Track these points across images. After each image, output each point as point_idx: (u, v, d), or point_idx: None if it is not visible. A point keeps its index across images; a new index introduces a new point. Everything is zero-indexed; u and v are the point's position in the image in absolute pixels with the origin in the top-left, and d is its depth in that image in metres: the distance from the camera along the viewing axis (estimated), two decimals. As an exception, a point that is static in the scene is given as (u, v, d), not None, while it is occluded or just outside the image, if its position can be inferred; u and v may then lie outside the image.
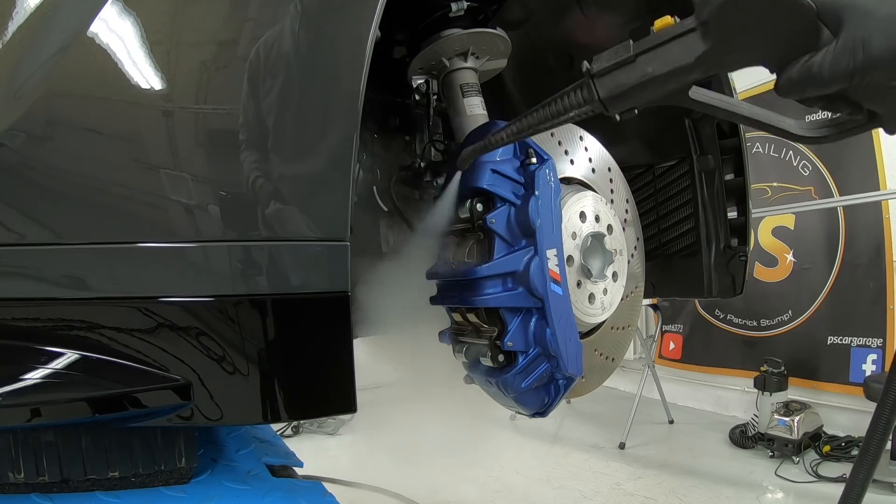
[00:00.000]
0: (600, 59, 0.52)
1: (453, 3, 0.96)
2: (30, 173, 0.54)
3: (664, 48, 0.48)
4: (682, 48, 0.46)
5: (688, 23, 0.46)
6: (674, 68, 0.47)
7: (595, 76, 0.52)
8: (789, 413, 2.99)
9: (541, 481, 2.92)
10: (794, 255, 3.54)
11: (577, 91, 0.54)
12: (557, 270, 0.80)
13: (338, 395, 0.61)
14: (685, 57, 0.46)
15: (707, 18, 0.44)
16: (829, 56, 0.42)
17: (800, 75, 0.44)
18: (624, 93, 0.51)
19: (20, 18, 0.53)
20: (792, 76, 0.44)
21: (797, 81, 0.44)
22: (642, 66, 0.49)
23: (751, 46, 0.45)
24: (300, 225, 0.59)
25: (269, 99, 0.58)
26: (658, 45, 0.48)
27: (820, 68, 0.43)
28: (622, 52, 0.50)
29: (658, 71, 0.48)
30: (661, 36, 0.48)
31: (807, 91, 0.44)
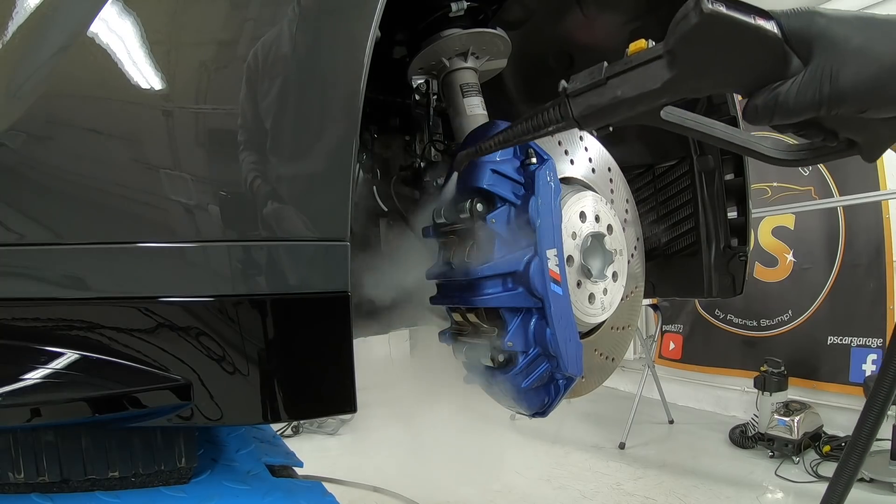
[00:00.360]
0: (576, 79, 0.55)
1: (453, 3, 0.96)
2: (30, 173, 0.54)
3: (633, 72, 0.49)
4: (649, 73, 0.48)
5: (656, 49, 0.48)
6: (641, 92, 0.49)
7: (570, 95, 0.55)
8: (789, 413, 2.99)
9: (541, 481, 2.92)
10: (794, 255, 3.54)
11: (554, 108, 0.57)
12: (557, 270, 0.80)
13: (338, 395, 0.61)
14: (652, 82, 0.48)
15: (672, 47, 0.45)
16: (796, 86, 0.42)
17: (765, 104, 0.44)
18: (596, 113, 0.53)
19: (20, 18, 0.53)
20: (758, 104, 0.44)
21: (763, 110, 0.44)
22: (612, 89, 0.51)
23: (717, 74, 0.46)
24: (300, 225, 0.59)
25: (269, 99, 0.58)
26: (627, 69, 0.50)
27: (786, 98, 0.42)
28: (596, 73, 0.52)
29: (627, 94, 0.50)
30: (631, 61, 0.50)
31: (774, 119, 0.44)
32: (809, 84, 0.42)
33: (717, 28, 0.42)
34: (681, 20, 0.44)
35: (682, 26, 0.43)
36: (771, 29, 0.42)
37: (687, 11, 0.43)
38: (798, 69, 0.43)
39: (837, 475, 0.70)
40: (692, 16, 0.42)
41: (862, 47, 0.40)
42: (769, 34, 0.42)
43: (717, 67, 0.45)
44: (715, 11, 0.41)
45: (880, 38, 0.40)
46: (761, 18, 0.42)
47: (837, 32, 0.41)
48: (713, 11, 0.41)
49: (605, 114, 0.52)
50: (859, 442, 0.68)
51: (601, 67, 0.52)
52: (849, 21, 0.41)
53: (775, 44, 0.42)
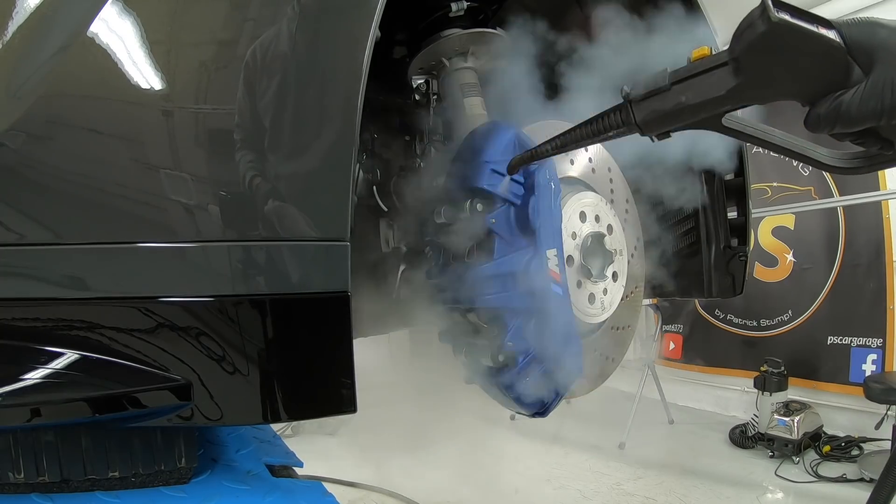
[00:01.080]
0: (638, 84, 0.55)
1: (453, 3, 0.96)
2: (30, 173, 0.54)
3: (698, 79, 0.50)
4: (714, 80, 0.48)
5: (721, 56, 0.48)
6: (706, 99, 0.49)
7: (632, 101, 0.55)
8: (789, 413, 2.99)
9: (541, 481, 2.92)
10: (794, 255, 3.54)
11: (615, 113, 0.57)
12: (557, 270, 0.80)
13: (338, 395, 0.61)
14: (717, 89, 0.48)
15: (738, 55, 0.46)
16: (859, 96, 0.43)
17: (828, 113, 0.44)
18: (659, 118, 0.53)
19: (20, 18, 0.53)
20: (820, 113, 0.45)
21: (825, 118, 0.44)
22: (676, 95, 0.51)
23: (781, 83, 0.46)
24: (300, 225, 0.59)
25: (269, 99, 0.58)
26: (692, 75, 0.50)
27: (848, 107, 0.43)
28: (659, 80, 0.53)
29: (691, 101, 0.50)
30: (695, 67, 0.50)
31: (835, 128, 0.45)
32: (871, 94, 0.42)
33: (784, 37, 0.42)
34: (746, 28, 0.44)
35: (749, 34, 0.44)
36: (835, 38, 0.43)
37: (753, 19, 0.43)
38: (859, 79, 0.43)
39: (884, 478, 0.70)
40: (759, 24, 0.42)
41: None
42: (833, 43, 0.42)
43: (781, 76, 0.45)
44: (783, 20, 0.41)
45: None
46: (824, 28, 0.43)
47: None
48: (781, 20, 0.41)
49: (668, 119, 0.53)
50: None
51: (664, 73, 0.52)
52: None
53: (839, 53, 0.43)
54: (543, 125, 0.94)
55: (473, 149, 0.84)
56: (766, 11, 0.42)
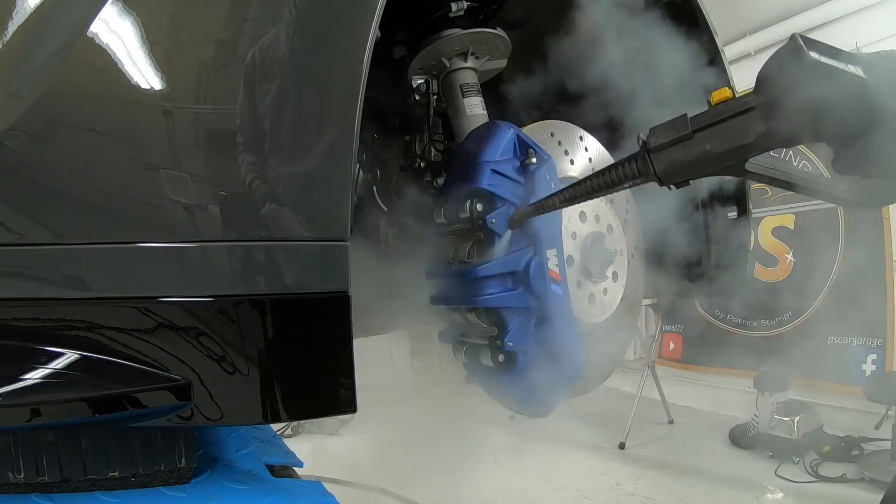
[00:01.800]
0: (657, 132, 0.51)
1: (453, 3, 0.96)
2: (30, 173, 0.54)
3: (723, 125, 0.47)
4: (741, 126, 0.46)
5: (748, 100, 0.45)
6: (733, 147, 0.46)
7: (651, 151, 0.52)
8: (789, 413, 2.99)
9: (541, 481, 2.92)
10: (794, 255, 3.54)
11: (632, 162, 0.54)
12: (557, 270, 0.80)
13: (338, 395, 0.61)
14: (744, 136, 0.45)
15: (768, 98, 0.43)
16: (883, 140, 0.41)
17: (860, 156, 0.42)
18: (681, 168, 0.50)
19: (20, 18, 0.53)
20: (851, 156, 0.43)
21: (856, 160, 0.43)
22: (700, 143, 0.48)
23: (812, 125, 0.43)
24: (300, 225, 0.59)
25: (268, 99, 0.58)
26: (717, 122, 0.47)
27: (880, 150, 0.41)
28: (680, 127, 0.49)
29: (717, 149, 0.47)
30: (719, 113, 0.47)
31: (865, 171, 0.43)
32: None
33: (819, 77, 0.40)
34: (776, 69, 0.41)
35: (779, 76, 0.41)
36: (865, 77, 0.40)
37: (783, 61, 0.41)
38: None
39: None
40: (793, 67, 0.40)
41: None
42: (866, 83, 0.40)
43: (812, 119, 0.43)
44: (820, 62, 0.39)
45: None
46: (851, 63, 0.41)
47: None
48: (818, 62, 0.39)
49: (691, 170, 0.50)
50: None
51: (685, 120, 0.49)
52: None
53: (870, 93, 0.41)
54: (543, 125, 0.94)
55: (473, 149, 0.84)
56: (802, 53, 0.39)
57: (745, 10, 3.45)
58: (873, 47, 3.10)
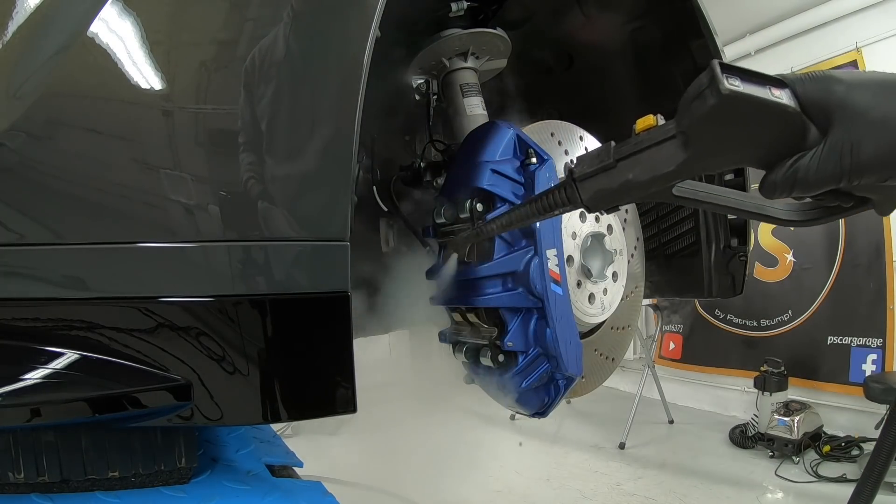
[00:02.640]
0: (583, 161, 0.52)
1: (453, 3, 0.96)
2: (30, 173, 0.54)
3: (644, 154, 0.47)
4: (662, 155, 0.45)
5: (668, 129, 0.45)
6: (654, 175, 0.46)
7: (577, 180, 0.52)
8: (789, 413, 2.99)
9: (541, 481, 2.92)
10: (794, 255, 3.54)
11: (561, 191, 0.55)
12: (557, 270, 0.80)
13: (338, 396, 0.61)
14: (666, 164, 0.45)
15: (686, 128, 0.43)
16: (816, 160, 0.40)
17: (784, 179, 0.42)
18: (605, 197, 0.51)
19: (20, 18, 0.53)
20: (777, 180, 0.42)
21: (782, 184, 0.42)
22: (623, 172, 0.48)
23: (734, 152, 0.43)
24: (300, 225, 0.59)
25: (268, 99, 0.58)
26: (638, 151, 0.47)
27: (806, 173, 0.40)
28: (604, 156, 0.50)
29: (639, 177, 0.47)
30: (641, 142, 0.47)
31: (793, 193, 0.42)
32: (829, 157, 0.39)
33: (737, 108, 0.39)
34: (695, 99, 0.41)
35: (698, 107, 0.40)
36: (789, 103, 0.40)
37: (701, 89, 0.40)
38: (816, 140, 0.40)
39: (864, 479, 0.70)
40: (709, 96, 0.39)
41: (884, 117, 0.38)
42: (788, 110, 0.40)
43: (734, 145, 0.43)
44: (734, 92, 0.38)
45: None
46: (777, 88, 0.40)
47: (857, 101, 0.39)
48: (732, 92, 0.38)
49: (616, 197, 0.50)
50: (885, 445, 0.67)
51: (609, 149, 0.50)
52: (868, 87, 0.39)
53: (794, 118, 0.40)
54: (543, 125, 0.94)
55: (473, 149, 0.84)
56: (716, 83, 0.38)
57: (745, 10, 3.45)
58: (873, 47, 3.11)
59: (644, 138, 0.47)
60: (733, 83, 0.38)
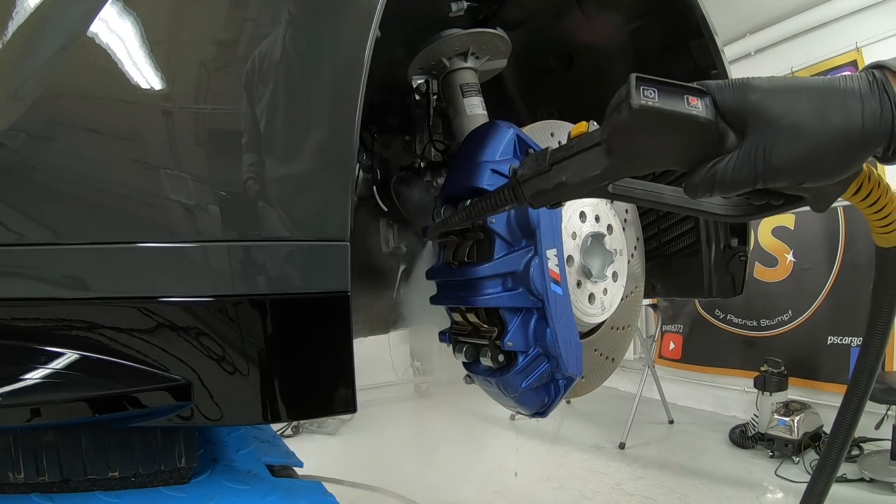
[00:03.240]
0: (525, 164, 0.58)
1: (453, 3, 0.96)
2: (30, 173, 0.54)
3: (574, 160, 0.51)
4: (589, 160, 0.49)
5: (594, 136, 0.49)
6: (583, 179, 0.50)
7: (520, 181, 0.58)
8: (789, 413, 3.00)
9: (541, 481, 2.92)
10: (794, 255, 3.54)
11: (508, 190, 0.60)
12: (557, 270, 0.80)
13: (338, 395, 0.61)
14: (592, 168, 0.49)
15: (607, 137, 0.46)
16: (732, 164, 0.42)
17: (703, 181, 0.44)
18: (544, 196, 0.56)
19: (20, 18, 0.53)
20: (696, 182, 0.44)
21: (701, 186, 0.44)
22: (557, 175, 0.53)
23: (653, 158, 0.46)
24: (300, 225, 0.59)
25: (268, 99, 0.58)
26: (568, 156, 0.52)
27: (723, 176, 0.42)
28: (541, 160, 0.55)
29: (571, 180, 0.52)
30: (571, 147, 0.51)
31: (713, 194, 0.44)
32: (744, 162, 0.41)
33: (649, 120, 0.42)
34: (614, 110, 0.44)
35: (615, 118, 0.44)
36: (702, 114, 0.42)
37: (619, 102, 0.43)
38: (734, 145, 0.42)
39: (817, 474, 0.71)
40: (623, 109, 0.42)
41: (795, 124, 0.40)
42: (700, 120, 0.42)
43: (652, 152, 0.45)
44: (644, 106, 0.41)
45: (814, 112, 0.39)
46: (694, 97, 0.42)
47: (770, 109, 0.41)
48: (642, 106, 0.41)
49: (553, 196, 0.55)
50: (837, 440, 0.69)
51: (545, 153, 0.55)
52: (782, 94, 0.41)
53: (708, 127, 0.42)
54: (543, 125, 0.94)
55: (473, 149, 0.84)
56: (629, 98, 0.41)
57: (745, 10, 3.46)
58: (873, 47, 3.11)
59: (574, 144, 0.51)
60: (648, 95, 0.41)
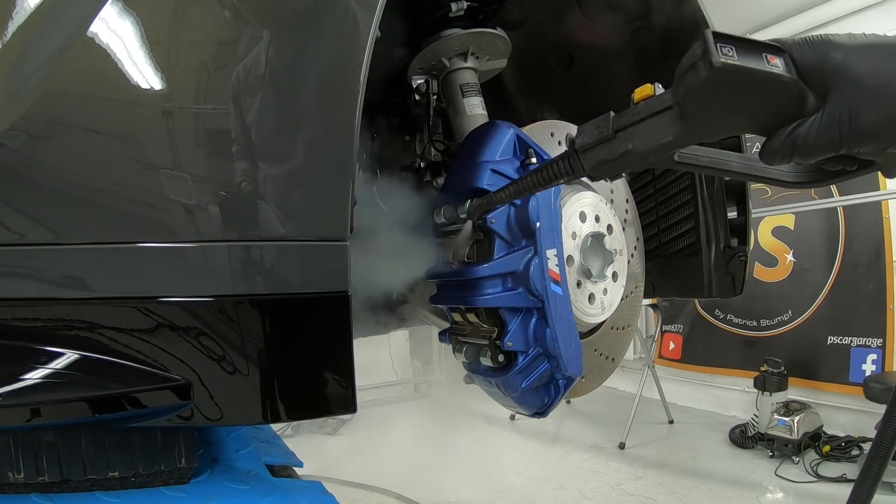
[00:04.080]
0: (584, 132, 0.53)
1: (453, 3, 0.96)
2: (30, 173, 0.54)
3: (642, 125, 0.47)
4: (659, 125, 0.45)
5: (665, 99, 0.45)
6: (652, 146, 0.47)
7: (579, 151, 0.53)
8: (789, 413, 2.99)
9: (541, 481, 2.92)
10: (794, 255, 3.54)
11: (563, 161, 0.56)
12: (557, 270, 0.80)
13: (338, 395, 0.61)
14: (663, 134, 0.45)
15: (681, 100, 0.43)
16: (815, 128, 0.40)
17: (783, 146, 0.41)
18: (607, 166, 0.52)
19: (20, 18, 0.53)
20: (775, 147, 0.42)
21: (781, 151, 0.42)
22: (622, 142, 0.49)
23: (731, 121, 0.43)
24: (300, 225, 0.59)
25: (269, 99, 0.58)
26: (636, 121, 0.48)
27: (804, 140, 0.40)
28: (603, 127, 0.50)
29: (638, 148, 0.48)
30: (638, 112, 0.47)
31: (793, 159, 0.42)
32: (828, 126, 0.39)
33: (730, 79, 0.39)
34: (688, 70, 0.40)
35: (691, 78, 0.40)
36: (785, 73, 0.39)
37: (694, 61, 0.40)
38: (814, 106, 0.40)
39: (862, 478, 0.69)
40: (701, 68, 0.39)
41: (883, 84, 0.37)
42: (784, 79, 0.39)
43: (730, 115, 0.42)
44: (726, 64, 0.37)
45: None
46: (773, 55, 0.39)
47: (855, 69, 0.38)
48: (724, 64, 0.37)
49: (617, 167, 0.51)
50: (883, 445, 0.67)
51: (608, 119, 0.50)
52: (866, 53, 0.38)
53: (791, 87, 0.40)
54: (543, 125, 0.94)
55: (473, 149, 0.84)
56: (708, 55, 0.38)
57: (745, 10, 3.46)
58: (873, 47, 3.10)
59: (641, 109, 0.47)
60: (726, 53, 0.38)
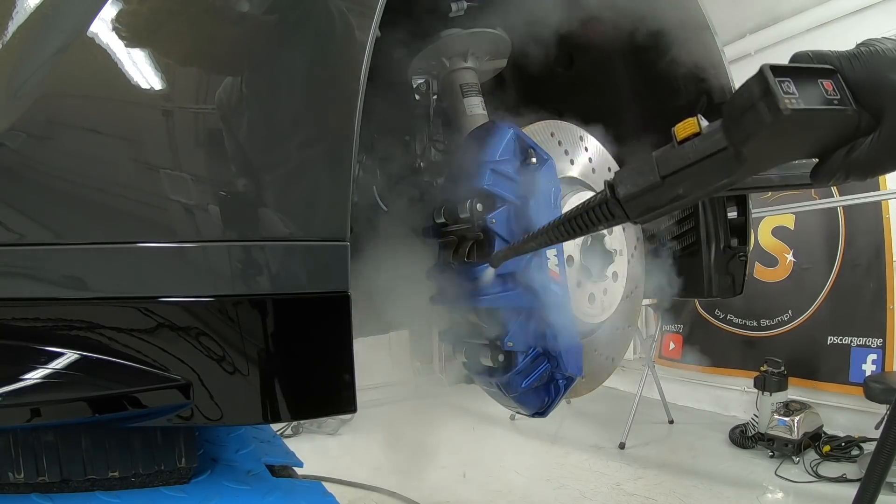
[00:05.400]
0: (624, 181, 0.49)
1: (453, 4, 0.96)
2: (30, 173, 0.54)
3: (694, 168, 0.43)
4: (713, 167, 0.42)
5: (717, 139, 0.41)
6: (707, 189, 0.44)
7: (623, 200, 0.49)
8: (789, 413, 2.99)
9: (541, 481, 2.92)
10: (794, 255, 3.54)
11: (603, 207, 0.51)
12: (557, 270, 0.80)
13: (338, 395, 0.61)
14: (718, 177, 0.43)
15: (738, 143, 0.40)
16: (873, 148, 0.39)
17: (839, 168, 0.41)
18: (656, 211, 0.49)
19: (20, 18, 0.53)
20: (833, 169, 0.41)
21: (836, 173, 0.41)
22: (671, 188, 0.45)
23: (788, 153, 0.42)
24: (300, 225, 0.59)
25: (269, 99, 0.58)
26: (686, 166, 0.44)
27: (860, 162, 0.40)
28: (648, 173, 0.46)
29: (690, 192, 0.45)
30: (688, 155, 0.43)
31: (848, 180, 0.42)
32: (886, 146, 0.39)
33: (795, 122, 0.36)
34: (747, 111, 0.38)
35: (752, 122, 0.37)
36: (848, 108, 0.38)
37: (753, 101, 0.37)
38: (869, 125, 0.39)
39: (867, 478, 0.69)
40: (765, 112, 0.36)
41: None
42: (847, 112, 0.38)
43: (788, 149, 0.41)
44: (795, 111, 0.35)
45: None
46: (828, 80, 0.38)
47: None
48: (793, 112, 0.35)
49: (666, 211, 0.48)
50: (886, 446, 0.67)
51: (652, 163, 0.46)
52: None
53: (852, 118, 0.38)
54: (543, 125, 0.94)
55: (473, 149, 0.84)
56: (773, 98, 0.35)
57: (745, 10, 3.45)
58: (873, 47, 3.10)
59: (690, 151, 0.43)
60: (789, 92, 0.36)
